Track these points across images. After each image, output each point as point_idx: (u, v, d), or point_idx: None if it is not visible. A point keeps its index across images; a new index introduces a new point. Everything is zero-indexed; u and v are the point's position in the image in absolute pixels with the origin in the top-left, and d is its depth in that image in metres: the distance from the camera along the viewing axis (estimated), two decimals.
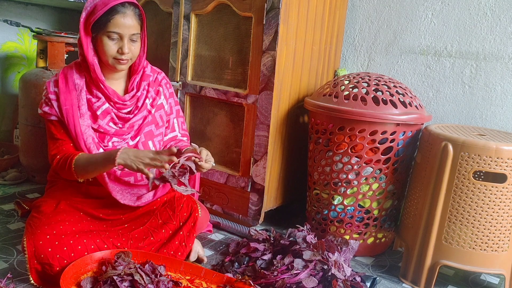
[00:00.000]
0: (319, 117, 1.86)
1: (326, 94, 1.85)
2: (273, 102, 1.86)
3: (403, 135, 1.76)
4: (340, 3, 2.17)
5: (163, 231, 1.60)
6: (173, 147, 1.42)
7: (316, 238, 1.65)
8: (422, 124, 1.82)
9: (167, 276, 1.44)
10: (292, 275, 1.48)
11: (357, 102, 1.74)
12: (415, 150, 1.84)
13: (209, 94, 2.03)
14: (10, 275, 1.44)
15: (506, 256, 1.60)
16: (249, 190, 1.97)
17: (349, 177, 1.79)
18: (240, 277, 1.49)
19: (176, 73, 2.13)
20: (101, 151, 1.55)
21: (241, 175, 1.99)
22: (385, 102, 1.74)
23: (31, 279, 1.39)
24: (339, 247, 1.61)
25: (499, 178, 1.55)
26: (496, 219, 1.55)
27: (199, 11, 2.03)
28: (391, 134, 1.73)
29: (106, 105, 1.57)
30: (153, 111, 1.65)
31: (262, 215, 1.96)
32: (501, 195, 1.53)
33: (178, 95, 2.12)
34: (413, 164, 1.83)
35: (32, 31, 2.39)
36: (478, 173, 1.64)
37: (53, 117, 1.53)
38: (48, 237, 1.40)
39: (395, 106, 1.73)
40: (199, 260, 1.71)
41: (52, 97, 1.53)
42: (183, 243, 1.60)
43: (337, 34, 2.22)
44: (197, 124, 2.17)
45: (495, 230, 1.56)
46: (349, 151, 1.77)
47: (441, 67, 2.11)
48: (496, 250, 1.58)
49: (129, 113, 1.61)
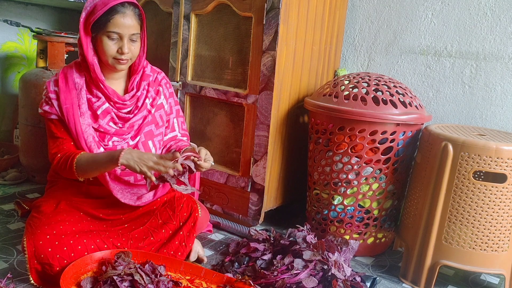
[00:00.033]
0: (319, 117, 1.86)
1: (326, 94, 1.85)
2: (273, 102, 1.86)
3: (403, 135, 1.76)
4: (340, 3, 2.17)
5: (163, 231, 1.60)
6: (177, 152, 1.42)
7: (316, 238, 1.65)
8: (422, 124, 1.82)
9: (167, 276, 1.44)
10: (292, 275, 1.48)
11: (357, 102, 1.74)
12: (415, 150, 1.84)
13: (209, 94, 2.03)
14: (10, 275, 1.44)
15: (506, 256, 1.60)
16: (249, 190, 1.96)
17: (349, 177, 1.79)
18: (240, 277, 1.49)
19: (176, 73, 2.13)
20: (101, 150, 1.55)
21: (241, 175, 1.99)
22: (385, 102, 1.74)
23: (31, 279, 1.39)
24: (339, 247, 1.61)
25: (499, 178, 1.55)
26: (496, 219, 1.55)
27: (199, 11, 2.03)
28: (391, 134, 1.73)
29: (106, 105, 1.57)
30: (153, 111, 1.65)
31: (262, 215, 1.96)
32: (501, 195, 1.53)
33: (178, 95, 2.12)
34: (413, 164, 1.83)
35: (32, 31, 2.39)
36: (478, 173, 1.64)
37: (53, 116, 1.53)
38: (48, 237, 1.40)
39: (395, 106, 1.73)
40: (199, 260, 1.71)
41: (52, 96, 1.53)
42: (183, 243, 1.60)
43: (337, 34, 2.22)
44: (197, 124, 2.17)
45: (495, 230, 1.56)
46: (349, 151, 1.77)
47: (441, 67, 2.11)
48: (496, 250, 1.58)
49: (129, 113, 1.61)
